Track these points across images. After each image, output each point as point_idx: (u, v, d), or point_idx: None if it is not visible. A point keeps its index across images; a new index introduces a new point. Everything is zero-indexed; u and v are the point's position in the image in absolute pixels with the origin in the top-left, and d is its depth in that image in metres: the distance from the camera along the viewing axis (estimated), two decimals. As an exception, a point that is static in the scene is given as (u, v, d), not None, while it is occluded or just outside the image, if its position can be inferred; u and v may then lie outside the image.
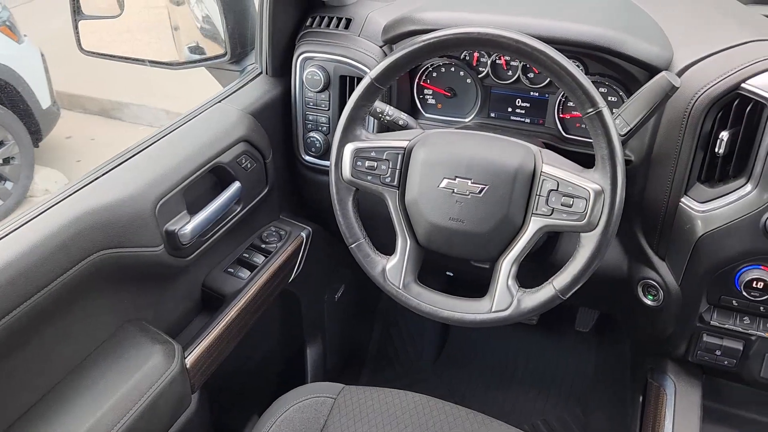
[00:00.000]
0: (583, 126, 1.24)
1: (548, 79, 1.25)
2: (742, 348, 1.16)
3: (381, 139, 1.10)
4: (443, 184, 1.05)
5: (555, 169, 1.01)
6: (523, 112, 1.33)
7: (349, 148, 1.10)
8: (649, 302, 1.24)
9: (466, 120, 1.37)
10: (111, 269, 1.04)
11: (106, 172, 1.09)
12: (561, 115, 1.28)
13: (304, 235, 1.47)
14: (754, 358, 1.17)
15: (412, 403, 1.23)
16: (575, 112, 1.26)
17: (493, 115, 1.35)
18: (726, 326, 1.17)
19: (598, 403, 1.85)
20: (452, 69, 1.35)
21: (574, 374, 2.00)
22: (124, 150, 1.16)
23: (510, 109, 1.34)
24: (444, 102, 1.38)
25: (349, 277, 1.84)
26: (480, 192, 1.03)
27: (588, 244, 0.99)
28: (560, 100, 1.26)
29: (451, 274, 1.66)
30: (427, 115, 1.40)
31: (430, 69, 1.36)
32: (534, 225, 1.02)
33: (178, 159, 1.16)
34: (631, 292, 1.27)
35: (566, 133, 1.29)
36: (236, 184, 1.26)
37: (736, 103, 1.04)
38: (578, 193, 0.98)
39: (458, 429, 1.18)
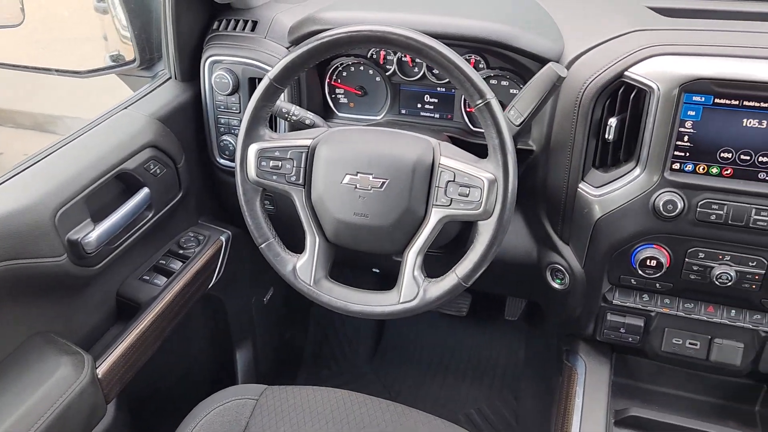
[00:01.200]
0: None
1: None
2: (643, 324, 1.22)
3: (284, 139, 1.11)
4: (346, 180, 1.06)
5: (452, 160, 1.04)
6: (432, 107, 1.36)
7: (252, 149, 1.10)
8: (557, 286, 1.29)
9: (378, 117, 1.39)
10: (12, 281, 1.02)
11: (2, 183, 1.07)
12: (468, 110, 1.32)
13: (223, 239, 1.47)
14: (655, 333, 1.23)
15: (334, 399, 1.24)
16: None
17: (404, 111, 1.38)
18: (627, 304, 1.22)
19: (529, 388, 1.90)
20: (361, 68, 1.37)
21: (506, 362, 2.05)
22: (23, 160, 1.13)
23: (419, 105, 1.37)
24: (356, 101, 1.40)
25: (278, 280, 1.84)
26: (381, 186, 1.05)
27: (485, 231, 1.02)
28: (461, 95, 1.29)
29: (378, 271, 1.68)
30: (340, 114, 1.42)
31: (340, 68, 1.38)
32: (435, 216, 1.04)
33: (80, 166, 1.14)
34: (541, 277, 1.31)
35: (474, 127, 1.33)
36: (144, 190, 1.25)
37: (621, 90, 1.09)
38: (473, 182, 1.01)
39: (378, 420, 1.19)
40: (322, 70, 1.38)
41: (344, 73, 1.38)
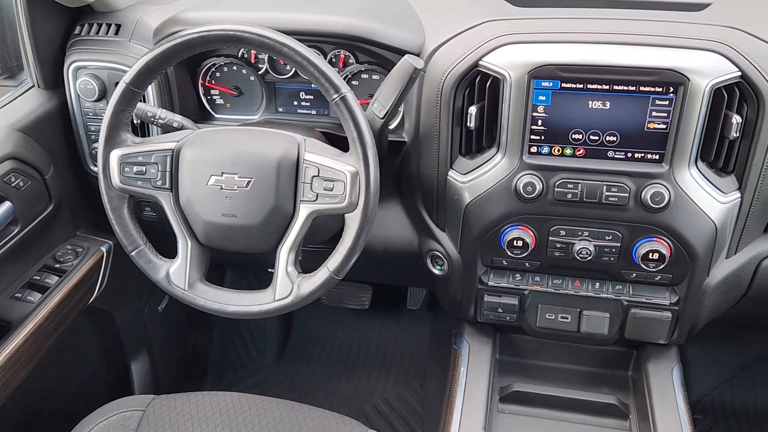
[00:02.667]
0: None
1: None
2: (518, 303, 1.27)
3: (148, 143, 1.09)
4: (211, 182, 1.06)
5: (316, 155, 1.05)
6: (308, 104, 1.37)
7: (114, 155, 1.08)
8: (437, 272, 1.33)
9: (256, 117, 1.39)
10: None
11: None
12: None
13: (104, 250, 1.43)
14: (530, 310, 1.28)
15: (224, 403, 1.23)
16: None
17: (281, 110, 1.38)
18: (502, 285, 1.27)
19: (433, 374, 1.94)
20: (234, 68, 1.36)
21: (412, 351, 2.09)
22: None
23: (296, 103, 1.37)
24: (232, 101, 1.39)
25: None
26: (247, 185, 1.05)
27: (352, 224, 1.04)
28: None
29: (272, 271, 1.68)
30: (218, 115, 1.41)
31: (213, 69, 1.36)
32: (303, 212, 1.05)
33: None
34: (424, 264, 1.35)
35: None
36: (6, 205, 1.20)
37: (478, 79, 1.13)
38: (337, 176, 1.02)
39: (267, 420, 1.19)
40: (193, 71, 1.36)
41: (217, 74, 1.37)
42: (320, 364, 2.09)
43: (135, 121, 1.32)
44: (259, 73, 1.34)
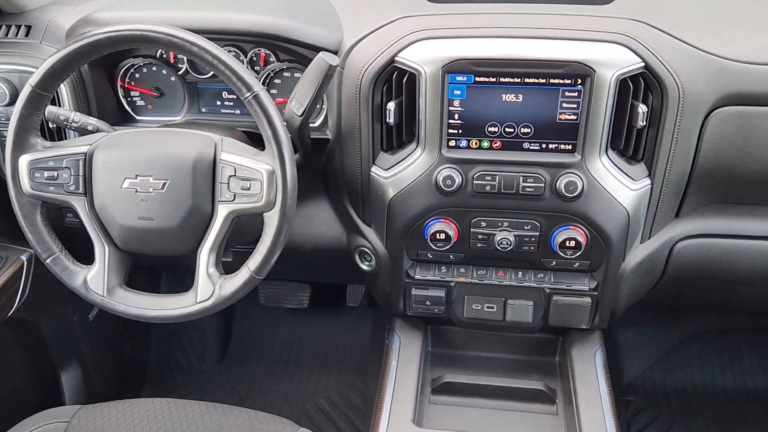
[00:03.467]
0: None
1: None
2: (444, 295, 1.29)
3: (59, 147, 1.07)
4: (126, 185, 1.04)
5: (232, 155, 1.04)
6: (231, 104, 1.35)
7: (24, 160, 1.05)
8: (366, 267, 1.33)
9: (179, 118, 1.37)
10: None
11: None
12: None
13: (24, 258, 1.39)
14: (457, 301, 1.30)
15: (152, 410, 1.21)
16: (280, 99, 1.31)
17: (204, 110, 1.37)
18: (428, 278, 1.28)
19: (374, 370, 1.95)
20: (154, 68, 1.33)
21: (353, 347, 2.09)
22: None
23: (219, 103, 1.36)
24: (153, 102, 1.37)
25: None
26: (163, 187, 1.03)
27: (271, 223, 1.03)
28: None
29: None
30: (139, 117, 1.38)
31: (132, 70, 1.34)
32: (222, 212, 1.04)
33: None
34: (353, 261, 1.35)
35: None
36: None
37: (395, 75, 1.14)
38: (253, 175, 1.02)
39: (197, 424, 1.18)
40: (111, 72, 1.33)
41: (137, 75, 1.34)
42: (261, 366, 2.08)
43: (50, 125, 1.29)
44: (179, 73, 1.32)
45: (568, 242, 1.17)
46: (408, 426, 1.16)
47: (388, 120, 1.15)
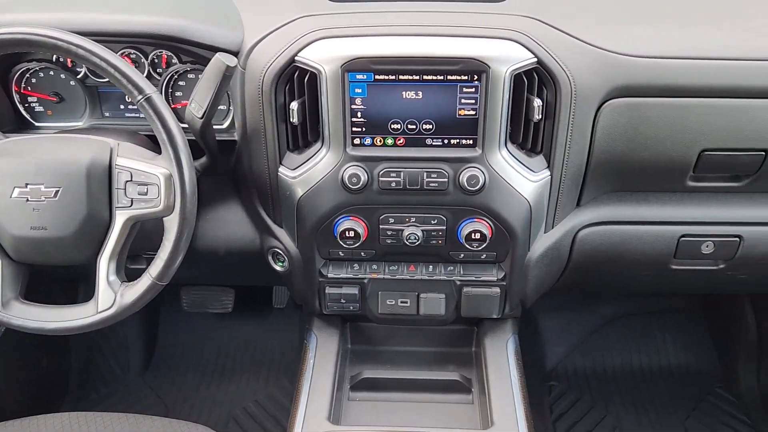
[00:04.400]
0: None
1: None
2: (358, 292, 1.30)
3: None
4: (16, 194, 1.00)
5: (128, 160, 1.02)
6: (135, 107, 1.32)
7: None
8: (279, 268, 1.33)
9: (81, 123, 1.33)
10: None
11: None
12: (172, 106, 1.30)
13: None
14: (371, 298, 1.31)
15: (60, 425, 1.18)
16: (185, 101, 1.29)
17: (107, 114, 1.33)
18: (341, 276, 1.29)
19: (302, 370, 1.95)
20: (51, 73, 1.29)
21: (282, 349, 2.08)
22: None
23: (123, 107, 1.33)
24: (53, 108, 1.32)
25: None
26: (55, 195, 1.00)
27: (171, 228, 1.02)
28: (162, 92, 1.27)
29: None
30: (39, 123, 1.34)
31: (28, 75, 1.29)
32: (120, 218, 1.02)
33: None
34: (267, 263, 1.35)
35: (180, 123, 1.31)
36: None
37: (297, 74, 1.14)
38: (150, 180, 1.00)
39: None
40: (4, 77, 1.28)
41: (33, 80, 1.30)
42: (188, 373, 2.04)
43: None
44: (79, 77, 1.28)
45: (473, 235, 1.19)
46: (323, 424, 1.16)
47: (292, 120, 1.15)
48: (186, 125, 1.11)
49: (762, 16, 1.22)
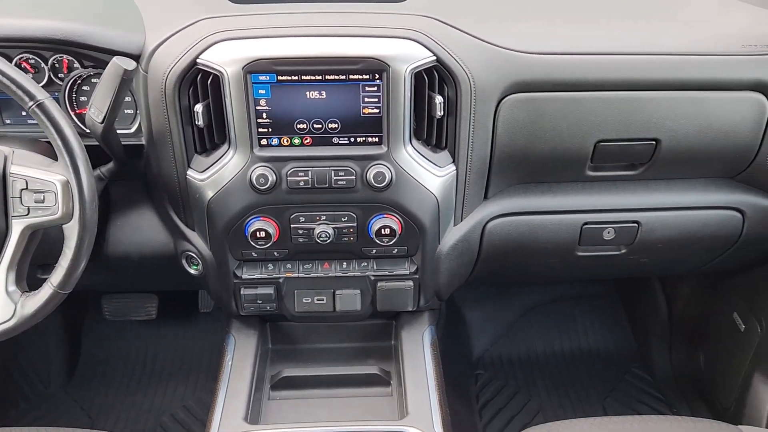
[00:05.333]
0: None
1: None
2: (274, 292, 1.30)
3: None
4: None
5: (23, 167, 1.00)
6: None
7: None
8: (193, 272, 1.32)
9: None
10: None
11: None
12: (77, 111, 1.27)
13: None
14: (287, 297, 1.32)
15: None
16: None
17: (8, 122, 1.29)
18: (255, 276, 1.30)
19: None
20: None
21: (210, 353, 2.06)
22: None
23: (24, 114, 1.29)
24: None
25: None
26: None
27: (71, 235, 1.00)
28: (65, 97, 1.24)
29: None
30: None
31: None
32: (17, 228, 1.00)
33: None
34: (182, 267, 1.34)
35: (84, 128, 1.29)
36: None
37: (200, 77, 1.13)
38: (47, 187, 0.98)
39: None
40: None
41: None
42: (114, 383, 2.00)
43: None
44: None
45: (383, 230, 1.22)
46: (240, 424, 1.17)
47: (197, 122, 1.14)
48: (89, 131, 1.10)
49: (648, 12, 1.30)
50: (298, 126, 1.15)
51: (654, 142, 1.26)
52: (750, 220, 1.38)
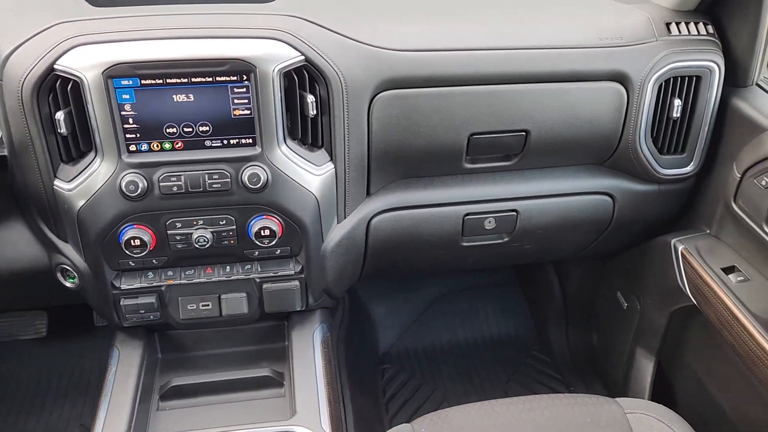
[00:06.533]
0: None
1: None
2: (156, 300, 1.27)
3: None
4: None
5: None
6: None
7: None
8: (70, 285, 1.28)
9: None
10: None
11: None
12: None
13: None
14: (172, 305, 1.30)
15: None
16: None
17: None
18: (135, 286, 1.26)
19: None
20: None
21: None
22: None
23: None
24: None
25: None
26: None
27: None
28: None
29: None
30: None
31: None
32: None
33: None
34: (57, 281, 1.29)
35: None
36: None
37: (59, 83, 1.09)
38: None
39: None
40: None
41: None
42: (4, 406, 1.90)
43: None
44: None
45: (263, 231, 1.21)
46: (122, 439, 1.14)
47: (60, 131, 1.10)
48: None
49: (515, 9, 1.34)
50: (168, 130, 1.13)
51: (524, 133, 1.31)
52: (620, 204, 1.46)
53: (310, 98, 1.16)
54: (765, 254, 1.27)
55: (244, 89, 1.12)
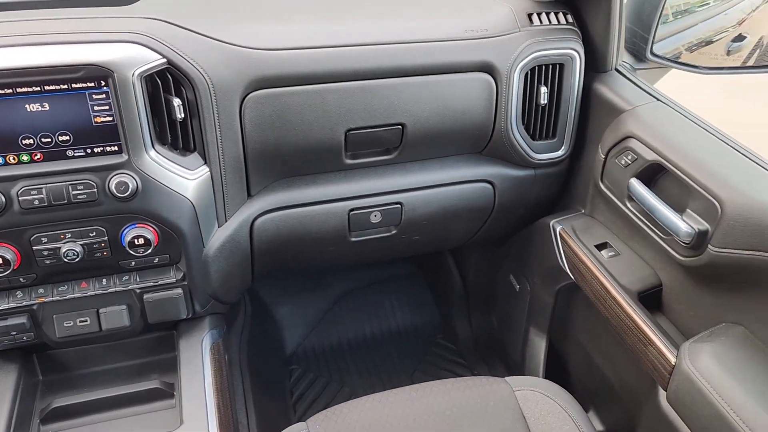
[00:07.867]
0: None
1: None
2: (28, 320, 1.22)
3: None
4: None
5: None
6: None
7: None
8: None
9: None
10: None
11: None
12: None
13: None
14: (46, 324, 1.24)
15: None
16: None
17: None
18: (3, 307, 1.20)
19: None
20: None
21: None
22: None
23: None
24: None
25: None
26: None
27: None
28: None
29: None
30: None
31: None
32: None
33: None
34: None
35: None
36: None
37: None
38: None
39: None
40: None
41: None
42: None
43: None
44: None
45: (137, 240, 1.18)
46: (-6, 469, 1.08)
47: None
48: None
49: (385, 7, 1.36)
50: (24, 142, 1.08)
51: (400, 127, 1.33)
52: (500, 190, 1.51)
53: (177, 101, 1.13)
54: (630, 230, 1.35)
55: (104, 95, 1.08)
